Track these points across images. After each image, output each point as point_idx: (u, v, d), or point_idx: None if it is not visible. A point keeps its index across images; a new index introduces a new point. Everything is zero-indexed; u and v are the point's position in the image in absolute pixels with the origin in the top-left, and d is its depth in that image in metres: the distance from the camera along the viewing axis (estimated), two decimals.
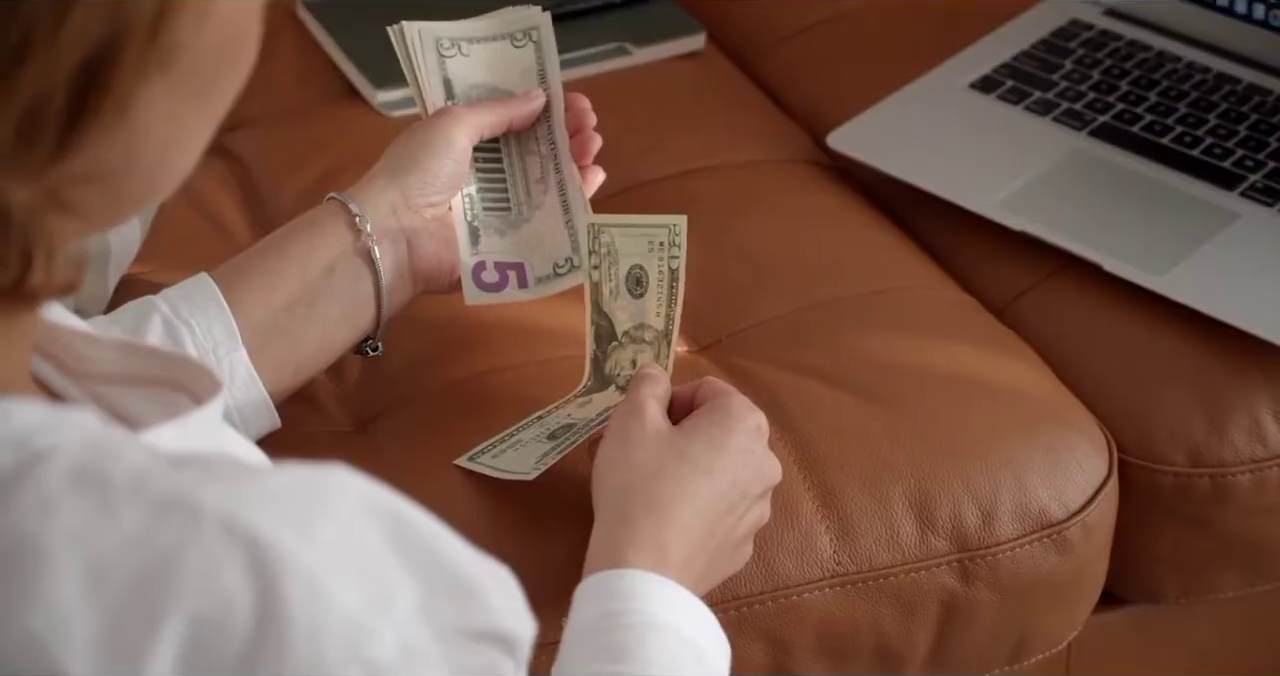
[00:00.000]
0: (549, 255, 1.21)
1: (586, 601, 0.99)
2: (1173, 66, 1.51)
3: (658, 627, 0.97)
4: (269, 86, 1.53)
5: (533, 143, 1.22)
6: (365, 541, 0.70)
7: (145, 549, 0.66)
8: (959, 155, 1.45)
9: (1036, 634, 1.24)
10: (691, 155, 1.16)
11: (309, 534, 0.68)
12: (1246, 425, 1.28)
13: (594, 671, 0.96)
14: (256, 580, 0.66)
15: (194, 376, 0.81)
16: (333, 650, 0.67)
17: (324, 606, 0.67)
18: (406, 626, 0.69)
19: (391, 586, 0.69)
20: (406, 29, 1.20)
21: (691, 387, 1.10)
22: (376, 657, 0.68)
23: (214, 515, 0.67)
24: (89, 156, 0.68)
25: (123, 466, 0.68)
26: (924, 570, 1.17)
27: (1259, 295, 1.31)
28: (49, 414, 0.70)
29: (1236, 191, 1.39)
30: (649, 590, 0.99)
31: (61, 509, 0.66)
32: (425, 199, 1.15)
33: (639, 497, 1.02)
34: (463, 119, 1.17)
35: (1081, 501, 1.22)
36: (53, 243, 0.68)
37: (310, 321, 1.12)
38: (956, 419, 1.22)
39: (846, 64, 1.58)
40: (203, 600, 0.66)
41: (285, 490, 0.69)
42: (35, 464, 0.67)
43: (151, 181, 0.71)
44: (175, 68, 0.68)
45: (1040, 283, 1.37)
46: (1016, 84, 1.50)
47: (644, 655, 0.96)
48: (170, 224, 1.35)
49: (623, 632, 0.97)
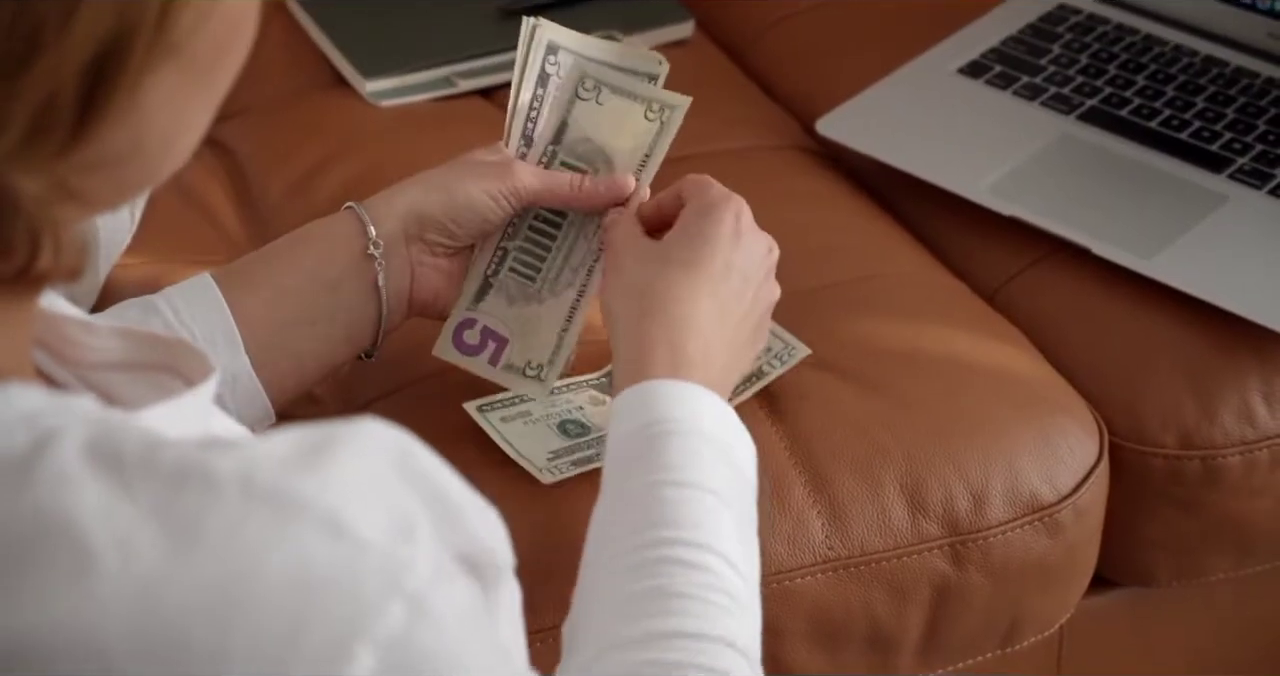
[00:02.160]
0: (530, 349, 1.15)
1: (617, 421, 1.02)
2: (1160, 50, 1.51)
3: (683, 433, 0.99)
4: (258, 77, 1.52)
5: (593, 228, 1.14)
6: (378, 474, 0.70)
7: (166, 520, 0.67)
8: (948, 140, 1.45)
9: (1028, 617, 1.25)
10: (681, 142, 1.16)
11: (324, 478, 0.69)
12: (1236, 407, 1.28)
13: (633, 484, 0.99)
14: (281, 530, 0.67)
15: (187, 359, 0.82)
16: (370, 586, 0.68)
17: (352, 545, 0.68)
18: (432, 551, 0.70)
19: (411, 515, 0.70)
20: (548, 32, 1.12)
21: (674, 190, 1.11)
22: (414, 587, 0.69)
23: (229, 479, 0.68)
24: (97, 147, 0.69)
25: (131, 443, 0.69)
26: (916, 554, 1.18)
27: (1248, 277, 1.32)
28: (52, 398, 0.70)
29: (1224, 174, 1.39)
30: (670, 397, 1.01)
31: (82, 485, 0.67)
32: (439, 240, 1.12)
33: (644, 310, 1.04)
34: (520, 186, 1.11)
35: (1072, 484, 1.22)
36: (59, 229, 0.69)
37: (312, 339, 1.11)
38: (947, 403, 1.22)
39: (835, 50, 1.58)
40: (229, 562, 0.67)
41: (290, 444, 0.70)
42: (48, 442, 0.68)
43: (155, 166, 0.73)
44: (180, 58, 0.69)
45: (1030, 267, 1.37)
46: (1005, 69, 1.51)
47: (672, 460, 0.98)
48: (160, 215, 1.35)
49: (649, 442, 0.99)
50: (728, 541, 0.97)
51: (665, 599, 0.94)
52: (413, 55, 1.51)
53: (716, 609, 0.95)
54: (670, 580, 0.95)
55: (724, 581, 0.96)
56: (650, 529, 0.96)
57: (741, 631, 0.96)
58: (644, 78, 1.14)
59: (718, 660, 0.93)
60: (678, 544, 0.96)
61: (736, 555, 0.97)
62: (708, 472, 0.99)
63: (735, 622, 0.95)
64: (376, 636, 0.68)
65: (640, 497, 0.98)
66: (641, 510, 0.98)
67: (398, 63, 1.51)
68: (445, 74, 1.52)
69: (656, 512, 0.97)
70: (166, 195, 1.39)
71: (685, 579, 0.95)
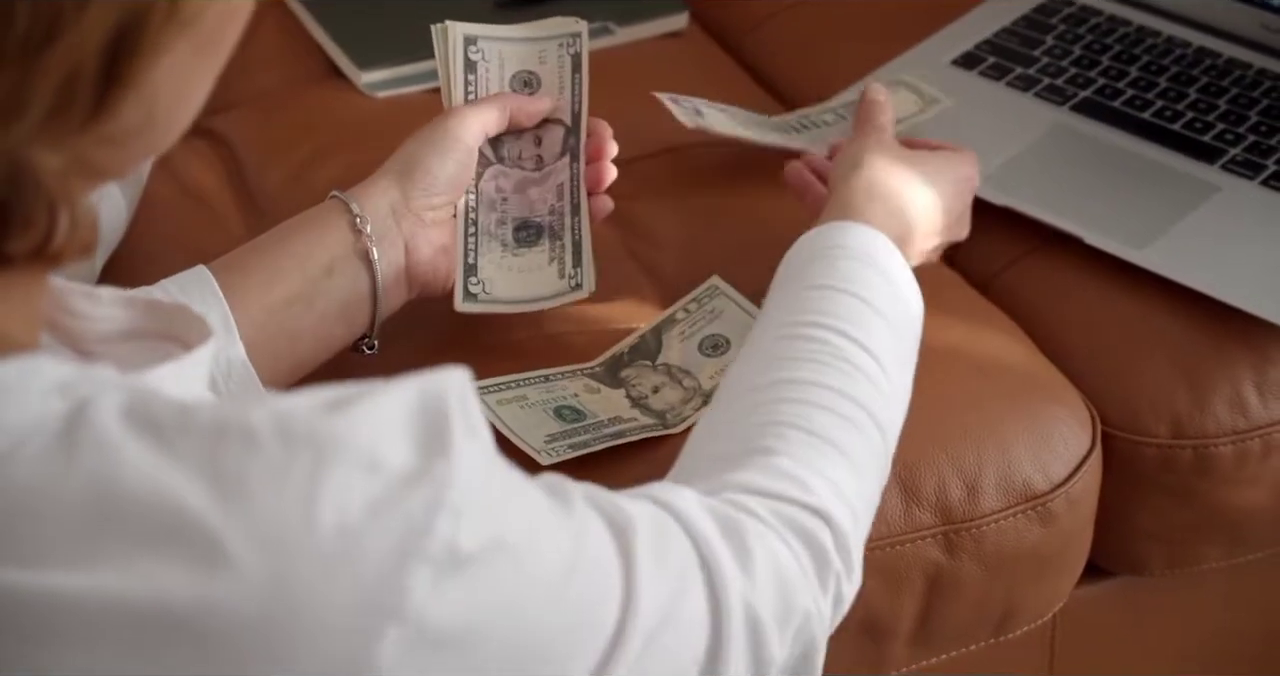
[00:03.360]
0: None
1: (804, 241, 1.10)
2: (1153, 41, 1.51)
3: (866, 261, 1.06)
4: (254, 68, 1.53)
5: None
6: (401, 402, 0.72)
7: (214, 473, 0.69)
8: (940, 131, 1.45)
9: (1022, 606, 1.25)
10: (674, 134, 1.17)
11: (351, 418, 0.71)
12: (1228, 396, 1.28)
13: (795, 287, 1.05)
14: (324, 472, 0.69)
15: (186, 324, 0.84)
16: (415, 510, 0.70)
17: (390, 475, 0.70)
18: (469, 451, 0.72)
19: (441, 423, 0.72)
20: (459, 28, 1.19)
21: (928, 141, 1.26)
22: (456, 499, 0.71)
23: (266, 429, 0.70)
24: (114, 121, 0.71)
25: (164, 405, 0.70)
26: (909, 543, 1.18)
27: (1240, 267, 1.32)
28: (80, 367, 0.72)
29: (1217, 165, 1.40)
30: (865, 234, 1.08)
31: (126, 448, 0.69)
32: (426, 201, 1.15)
33: (871, 182, 1.14)
34: (466, 116, 1.16)
35: (1065, 473, 1.22)
36: (74, 202, 0.70)
37: (308, 320, 1.12)
38: (940, 393, 1.22)
39: (829, 42, 1.58)
40: (280, 510, 0.69)
41: (316, 397, 0.72)
42: (85, 409, 0.69)
43: (161, 136, 0.74)
44: (192, 32, 0.71)
45: (1023, 257, 1.38)
46: (999, 60, 1.51)
47: (847, 274, 1.04)
48: (156, 205, 1.36)
49: (826, 256, 1.06)
50: (879, 343, 1.01)
51: (801, 361, 0.98)
52: (408, 46, 1.51)
53: (863, 378, 0.99)
54: (813, 349, 0.99)
55: (867, 365, 1.00)
56: (806, 313, 1.01)
57: (880, 404, 0.99)
58: (565, 37, 1.20)
59: (852, 412, 0.97)
60: (830, 329, 1.00)
61: (886, 357, 1.01)
62: (877, 292, 1.04)
63: (872, 391, 0.99)
64: (429, 553, 0.71)
65: (803, 294, 1.03)
66: (800, 303, 1.03)
67: (393, 54, 1.51)
68: None
69: (816, 305, 1.02)
70: (163, 186, 1.40)
71: (828, 351, 0.99)
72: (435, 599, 0.71)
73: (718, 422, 0.99)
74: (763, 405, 0.96)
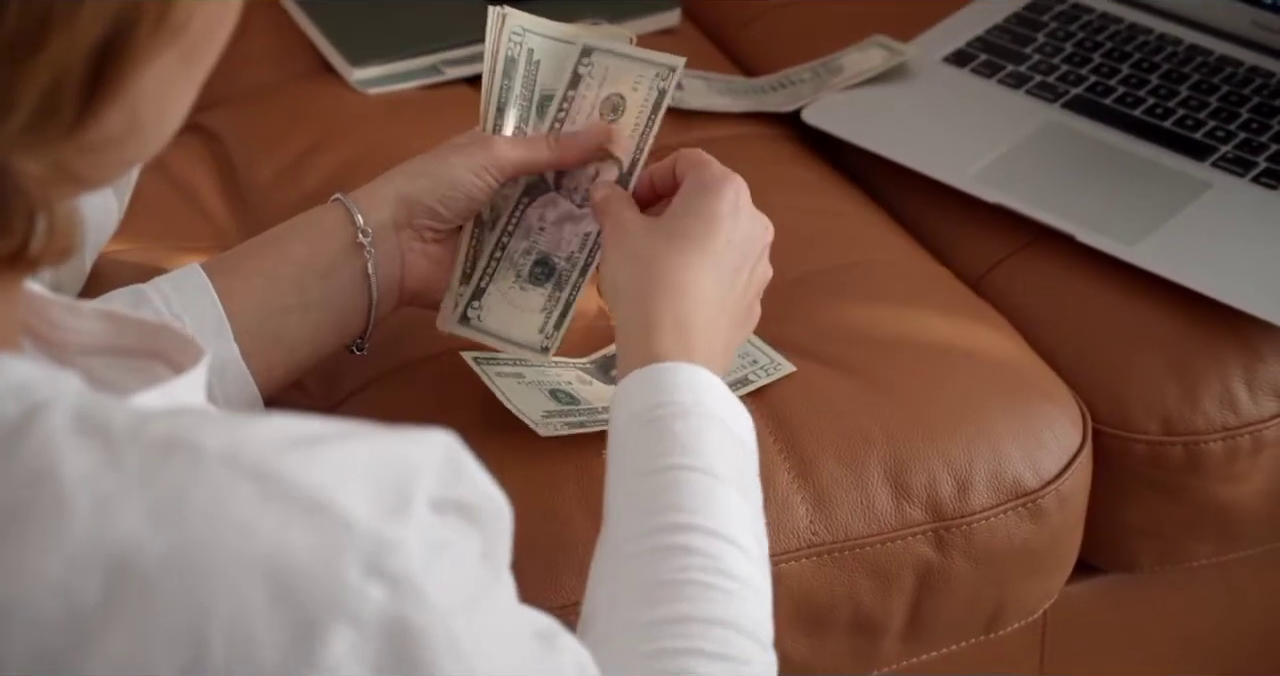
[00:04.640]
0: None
1: (626, 399, 1.01)
2: (1144, 39, 1.52)
3: (691, 415, 0.99)
4: (245, 64, 1.53)
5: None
6: (371, 451, 0.70)
7: (151, 489, 0.67)
8: (933, 128, 1.46)
9: (1012, 603, 1.25)
10: (667, 131, 1.16)
11: (309, 458, 0.69)
12: (1219, 393, 1.29)
13: (642, 467, 0.98)
14: (263, 507, 0.67)
15: (176, 346, 0.83)
16: (348, 568, 0.68)
17: (332, 526, 0.68)
18: (428, 524, 0.70)
19: (407, 484, 0.70)
20: (514, 18, 1.12)
21: (668, 164, 1.11)
22: (400, 567, 0.69)
23: (215, 453, 0.68)
24: (98, 129, 0.70)
25: (121, 413, 0.69)
26: (900, 540, 1.18)
27: (1230, 264, 1.32)
28: (43, 370, 0.71)
29: (1208, 162, 1.40)
30: (677, 379, 1.01)
31: (69, 450, 0.68)
32: (430, 224, 1.13)
33: (650, 282, 1.04)
34: (500, 154, 1.12)
35: (1056, 470, 1.22)
36: (53, 208, 0.69)
37: (303, 329, 1.11)
38: (931, 389, 1.22)
39: (820, 39, 1.58)
40: (209, 534, 0.67)
41: (285, 428, 0.70)
42: (38, 412, 0.69)
43: (147, 144, 0.74)
44: (180, 41, 0.70)
45: (1014, 254, 1.38)
46: (990, 57, 1.51)
47: (682, 443, 0.98)
48: (147, 202, 1.35)
49: (658, 424, 0.99)
50: (736, 524, 0.97)
51: (674, 586, 0.95)
52: (400, 43, 1.52)
53: (724, 594, 0.95)
54: (678, 567, 0.95)
55: (732, 566, 0.96)
56: (660, 514, 0.97)
57: (751, 615, 0.96)
58: (663, 69, 1.13)
59: (727, 646, 0.94)
60: (686, 529, 0.96)
61: (745, 538, 0.98)
62: (715, 454, 0.99)
63: (744, 607, 0.96)
64: (355, 616, 0.68)
65: (649, 481, 0.98)
66: (650, 494, 0.98)
67: (385, 50, 1.51)
68: (432, 62, 1.52)
69: (666, 498, 0.97)
70: (154, 183, 1.40)
71: (692, 564, 0.95)
72: (353, 665, 0.68)
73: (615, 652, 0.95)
74: (653, 657, 0.94)
